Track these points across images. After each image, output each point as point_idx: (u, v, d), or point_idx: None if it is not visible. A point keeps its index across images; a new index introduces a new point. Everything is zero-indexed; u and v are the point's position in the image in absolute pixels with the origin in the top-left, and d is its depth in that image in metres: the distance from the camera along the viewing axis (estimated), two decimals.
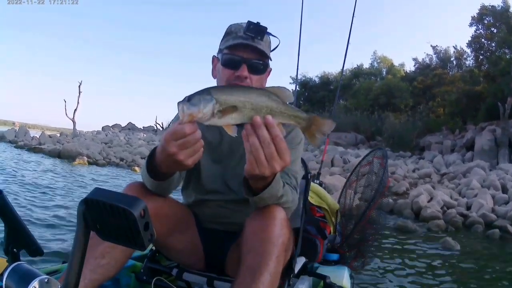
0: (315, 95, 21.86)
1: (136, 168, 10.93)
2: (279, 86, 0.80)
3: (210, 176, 1.19)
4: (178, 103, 0.75)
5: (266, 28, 1.07)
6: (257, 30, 1.06)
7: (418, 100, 17.19)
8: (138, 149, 14.18)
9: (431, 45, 19.59)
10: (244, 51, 1.08)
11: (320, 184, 1.95)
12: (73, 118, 21.12)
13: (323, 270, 1.47)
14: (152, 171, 0.95)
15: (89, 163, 11.77)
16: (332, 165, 10.19)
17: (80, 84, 21.41)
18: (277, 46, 1.18)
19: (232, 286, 0.91)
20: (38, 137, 18.37)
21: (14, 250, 0.67)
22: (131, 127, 26.85)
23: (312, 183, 1.59)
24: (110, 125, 26.77)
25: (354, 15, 2.60)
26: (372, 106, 16.97)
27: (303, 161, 1.41)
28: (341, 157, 10.77)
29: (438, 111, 15.80)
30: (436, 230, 5.42)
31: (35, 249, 0.70)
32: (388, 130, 13.89)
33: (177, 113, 0.82)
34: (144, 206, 0.51)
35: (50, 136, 18.73)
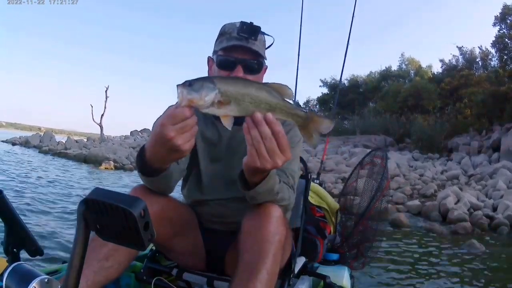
0: (344, 98, 21.94)
1: None
2: (280, 83, 0.79)
3: (210, 175, 1.19)
4: (178, 85, 0.72)
5: (259, 28, 1.06)
6: (250, 31, 1.05)
7: (445, 102, 17.12)
8: None
9: (456, 46, 19.37)
10: (239, 52, 1.08)
11: (320, 184, 1.95)
12: (100, 123, 20.94)
13: (323, 270, 1.47)
14: (144, 169, 0.92)
15: (116, 168, 11.67)
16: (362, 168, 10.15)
17: (107, 89, 21.22)
18: (272, 44, 1.17)
19: (230, 285, 0.91)
20: (64, 142, 18.26)
21: (14, 250, 0.68)
22: None
23: (312, 183, 1.59)
24: (139, 130, 26.39)
25: (354, 15, 2.60)
26: (401, 108, 16.96)
27: (302, 161, 1.41)
28: None
29: (465, 112, 15.68)
30: (463, 233, 5.40)
31: (35, 249, 0.71)
32: (417, 132, 13.84)
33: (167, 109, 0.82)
34: (144, 206, 0.51)
35: (76, 141, 18.64)
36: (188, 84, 0.72)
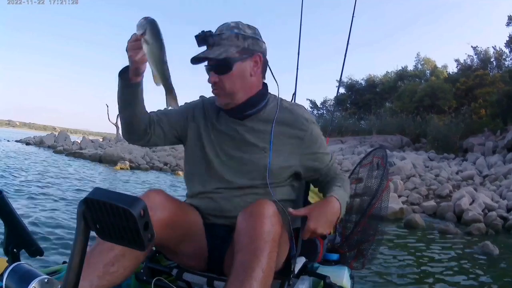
0: (361, 98, 22.04)
1: (180, 173, 10.61)
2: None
3: (214, 165, 1.22)
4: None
5: (209, 33, 1.12)
6: (202, 41, 1.12)
7: (461, 102, 17.14)
8: (183, 154, 13.71)
9: (471, 46, 19.35)
10: (207, 60, 1.16)
11: None
12: (116, 123, 20.88)
13: (323, 270, 1.47)
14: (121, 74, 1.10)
15: (131, 168, 11.64)
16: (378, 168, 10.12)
17: None
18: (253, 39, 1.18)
19: (226, 284, 0.92)
20: (79, 142, 18.11)
21: (14, 250, 0.68)
22: None
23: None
24: None
25: (354, 15, 2.59)
26: (417, 108, 17.01)
27: None
28: None
29: (480, 112, 15.70)
30: (477, 233, 5.39)
31: (35, 250, 0.71)
32: (433, 132, 13.84)
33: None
34: (143, 205, 0.51)
35: (92, 141, 18.50)
36: (143, 19, 0.96)
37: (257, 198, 1.13)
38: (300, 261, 1.31)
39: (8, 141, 22.47)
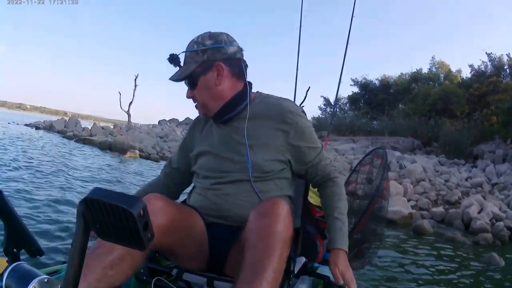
0: (375, 98, 22.09)
1: None
2: None
3: (208, 164, 1.28)
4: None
5: (175, 55, 1.20)
6: (171, 63, 1.21)
7: (473, 107, 17.14)
8: None
9: (486, 52, 19.21)
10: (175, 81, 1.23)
11: None
12: (128, 111, 20.83)
13: (323, 270, 1.47)
14: None
15: (141, 157, 11.54)
16: (389, 169, 10.11)
17: (136, 77, 21.15)
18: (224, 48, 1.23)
19: (235, 283, 0.91)
20: (89, 128, 17.92)
21: (14, 250, 0.68)
22: (188, 122, 25.18)
23: None
24: (167, 119, 26.05)
25: (353, 15, 2.59)
26: (429, 111, 17.01)
27: None
28: (397, 162, 10.54)
29: (491, 119, 15.66)
30: (484, 243, 5.35)
31: (35, 250, 0.71)
32: (444, 136, 13.83)
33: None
34: (143, 205, 0.51)
35: (103, 128, 18.23)
36: None
37: (251, 195, 1.17)
38: (300, 261, 1.31)
39: (17, 124, 22.22)
